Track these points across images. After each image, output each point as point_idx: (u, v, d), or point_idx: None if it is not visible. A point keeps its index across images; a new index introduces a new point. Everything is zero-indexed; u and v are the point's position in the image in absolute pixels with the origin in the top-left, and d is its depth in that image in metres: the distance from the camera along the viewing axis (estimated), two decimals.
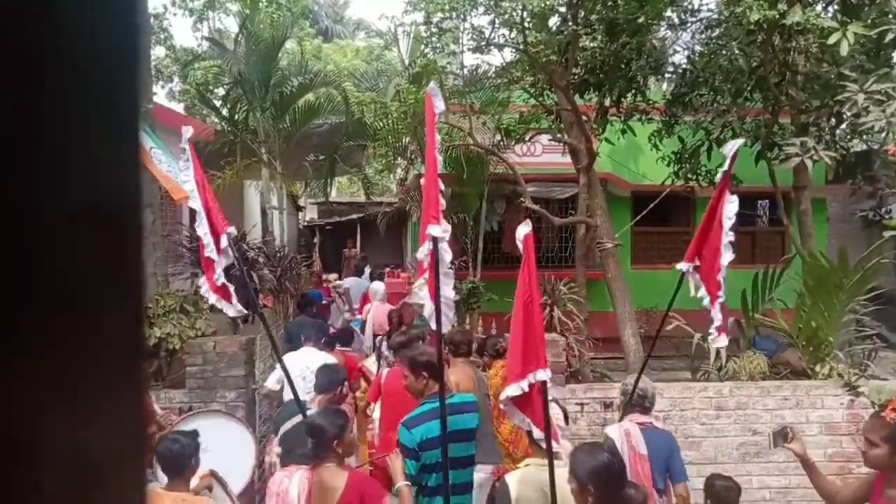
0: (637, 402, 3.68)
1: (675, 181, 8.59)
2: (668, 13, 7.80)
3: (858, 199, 11.92)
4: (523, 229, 3.07)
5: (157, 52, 18.78)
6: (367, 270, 12.76)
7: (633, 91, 7.91)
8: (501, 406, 3.03)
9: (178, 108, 16.38)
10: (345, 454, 3.03)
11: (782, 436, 3.24)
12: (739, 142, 3.73)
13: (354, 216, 18.29)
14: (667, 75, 8.81)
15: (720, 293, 3.47)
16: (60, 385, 0.34)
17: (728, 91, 7.41)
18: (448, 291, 3.17)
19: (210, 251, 3.63)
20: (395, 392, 4.24)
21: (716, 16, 7.82)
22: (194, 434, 3.22)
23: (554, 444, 2.82)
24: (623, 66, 7.55)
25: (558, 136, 8.67)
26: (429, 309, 3.15)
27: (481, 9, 7.71)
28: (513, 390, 2.81)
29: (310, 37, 20.75)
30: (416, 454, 3.10)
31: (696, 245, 3.62)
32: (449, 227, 3.17)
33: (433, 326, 3.17)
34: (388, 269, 14.31)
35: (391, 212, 12.52)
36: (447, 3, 7.36)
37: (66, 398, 0.34)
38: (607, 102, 8.01)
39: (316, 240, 19.40)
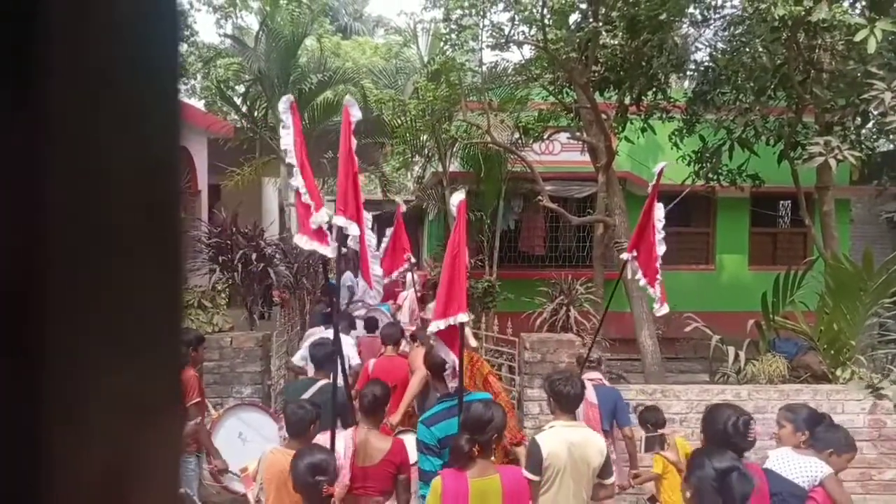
0: (591, 366, 4.80)
1: (696, 181, 8.48)
2: (691, 10, 7.70)
3: (884, 201, 11.72)
4: (458, 196, 3.61)
5: (181, 48, 18.92)
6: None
7: (654, 89, 7.82)
8: (431, 341, 3.58)
9: (199, 104, 16.53)
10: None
11: (659, 442, 3.36)
12: (664, 164, 4.61)
13: (371, 213, 18.31)
14: (688, 73, 8.70)
15: (658, 276, 4.47)
16: (105, 333, 0.36)
17: (751, 89, 7.30)
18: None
19: (305, 198, 3.69)
20: (388, 381, 4.49)
21: (739, 12, 7.70)
22: (317, 405, 3.64)
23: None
24: (644, 63, 7.46)
25: (577, 134, 8.61)
26: (362, 289, 3.81)
27: (501, 5, 7.68)
28: (436, 326, 3.40)
29: (329, 34, 20.81)
30: (438, 451, 3.20)
31: (635, 240, 4.56)
32: (353, 224, 3.64)
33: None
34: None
35: (407, 209, 12.51)
36: (467, 0, 7.34)
37: (108, 345, 0.36)
38: (627, 100, 7.93)
39: None
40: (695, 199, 9.52)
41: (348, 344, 5.44)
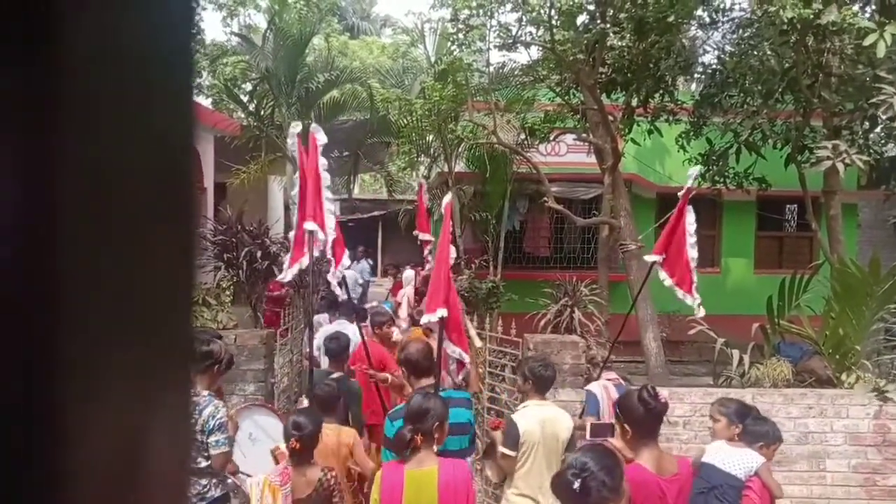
0: (607, 366, 4.91)
1: (702, 183, 8.44)
2: (699, 12, 7.68)
3: (891, 205, 11.66)
4: (447, 198, 4.24)
5: (194, 45, 18.94)
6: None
7: (661, 91, 7.80)
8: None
9: (206, 102, 16.57)
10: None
11: (610, 430, 3.48)
12: (697, 169, 4.62)
13: (377, 213, 18.34)
14: (696, 75, 8.68)
15: (693, 277, 4.44)
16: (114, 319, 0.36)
17: (758, 92, 7.27)
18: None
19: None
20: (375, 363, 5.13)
21: (748, 15, 7.68)
22: (340, 381, 4.00)
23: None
24: (651, 65, 7.44)
25: (583, 135, 8.60)
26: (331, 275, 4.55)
27: (509, 6, 7.67)
28: (428, 318, 3.82)
29: (337, 33, 20.84)
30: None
31: (664, 244, 4.49)
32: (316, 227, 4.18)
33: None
34: (408, 266, 14.55)
35: (413, 209, 12.53)
36: (474, 0, 7.34)
37: (117, 330, 0.37)
38: (634, 102, 7.91)
39: None
40: (701, 201, 9.44)
41: (352, 331, 5.75)
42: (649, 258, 4.62)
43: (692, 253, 4.41)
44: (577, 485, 2.14)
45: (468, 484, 2.92)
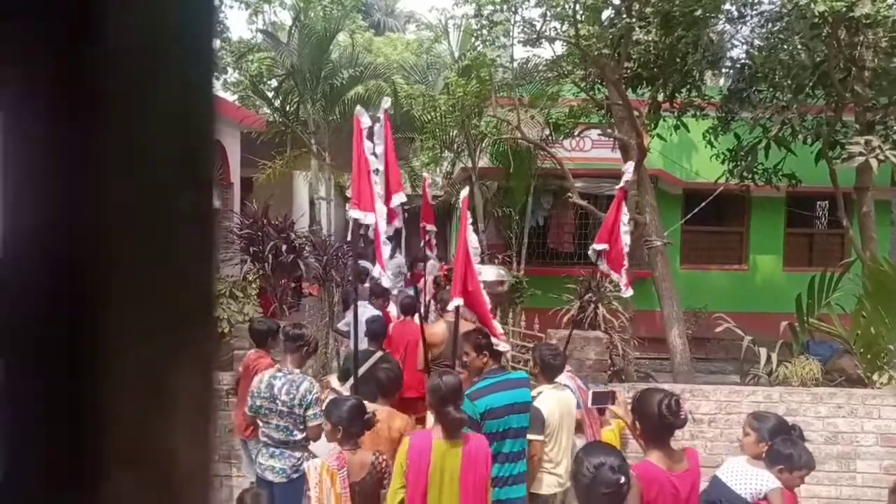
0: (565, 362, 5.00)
1: (730, 179, 8.33)
2: (727, 6, 7.56)
3: None
4: (463, 192, 4.57)
5: (215, 41, 19.15)
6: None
7: (688, 86, 7.70)
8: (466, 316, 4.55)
9: (233, 98, 16.75)
10: None
11: (611, 397, 3.61)
12: (631, 164, 5.01)
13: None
14: (724, 70, 8.55)
15: (625, 263, 4.91)
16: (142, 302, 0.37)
17: (788, 87, 7.14)
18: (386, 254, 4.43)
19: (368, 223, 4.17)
20: (401, 342, 5.64)
21: (777, 9, 7.53)
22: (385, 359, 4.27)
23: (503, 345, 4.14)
24: (678, 60, 7.35)
25: (608, 131, 8.52)
26: (377, 272, 4.42)
27: (532, 1, 7.63)
28: (454, 303, 4.28)
29: (361, 30, 20.90)
30: (479, 425, 3.44)
31: (606, 234, 4.92)
32: (369, 214, 4.11)
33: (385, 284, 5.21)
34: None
35: (436, 204, 12.54)
36: None
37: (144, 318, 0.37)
38: (660, 97, 7.82)
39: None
40: (729, 198, 9.35)
41: (371, 311, 6.02)
42: (596, 247, 4.96)
43: (625, 239, 4.82)
44: (623, 480, 2.25)
45: (487, 456, 3.19)
